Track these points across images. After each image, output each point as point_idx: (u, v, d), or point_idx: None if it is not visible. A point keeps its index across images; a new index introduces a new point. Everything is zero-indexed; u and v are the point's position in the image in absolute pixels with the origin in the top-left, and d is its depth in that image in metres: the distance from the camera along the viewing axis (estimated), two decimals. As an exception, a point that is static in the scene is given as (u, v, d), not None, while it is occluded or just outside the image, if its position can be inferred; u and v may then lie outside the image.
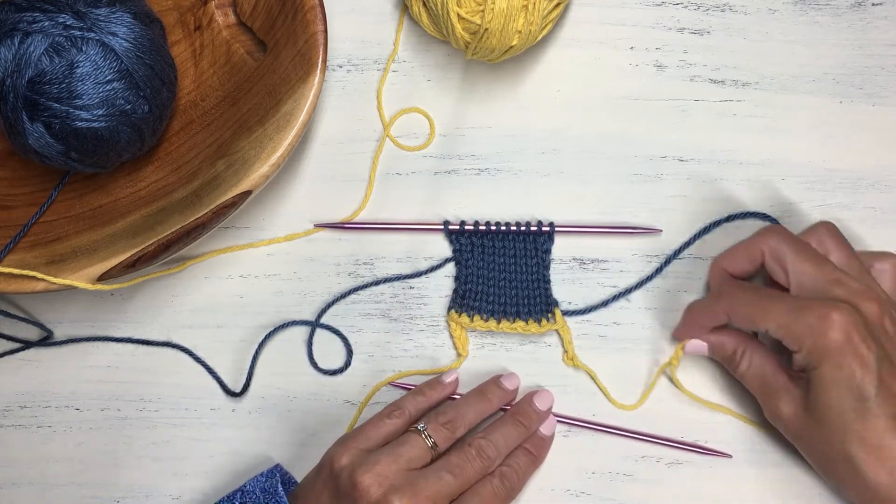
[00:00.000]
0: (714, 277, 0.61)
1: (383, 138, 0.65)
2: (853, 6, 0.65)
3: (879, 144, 0.64)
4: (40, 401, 0.64)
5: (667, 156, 0.64)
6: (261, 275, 0.65)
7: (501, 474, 0.57)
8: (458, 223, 0.63)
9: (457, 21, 0.59)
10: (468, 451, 0.57)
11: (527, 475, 0.59)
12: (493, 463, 0.57)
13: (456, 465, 0.56)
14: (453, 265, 0.64)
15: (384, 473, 0.54)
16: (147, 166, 0.63)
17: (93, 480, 0.63)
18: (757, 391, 0.58)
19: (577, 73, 0.65)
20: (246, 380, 0.63)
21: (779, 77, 0.65)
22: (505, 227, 0.63)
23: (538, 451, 0.60)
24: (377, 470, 0.54)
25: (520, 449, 0.59)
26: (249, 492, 0.57)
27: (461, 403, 0.59)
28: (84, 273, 0.56)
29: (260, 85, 0.61)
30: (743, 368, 0.58)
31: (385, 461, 0.55)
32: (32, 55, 0.55)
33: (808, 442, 0.56)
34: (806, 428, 0.55)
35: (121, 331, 0.65)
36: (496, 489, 0.56)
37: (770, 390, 0.56)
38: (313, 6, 0.59)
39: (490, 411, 0.60)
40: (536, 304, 0.63)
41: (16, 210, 0.62)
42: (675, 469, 0.61)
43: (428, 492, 0.54)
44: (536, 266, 0.63)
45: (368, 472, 0.54)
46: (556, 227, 0.63)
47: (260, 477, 0.58)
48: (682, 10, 0.66)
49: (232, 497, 0.57)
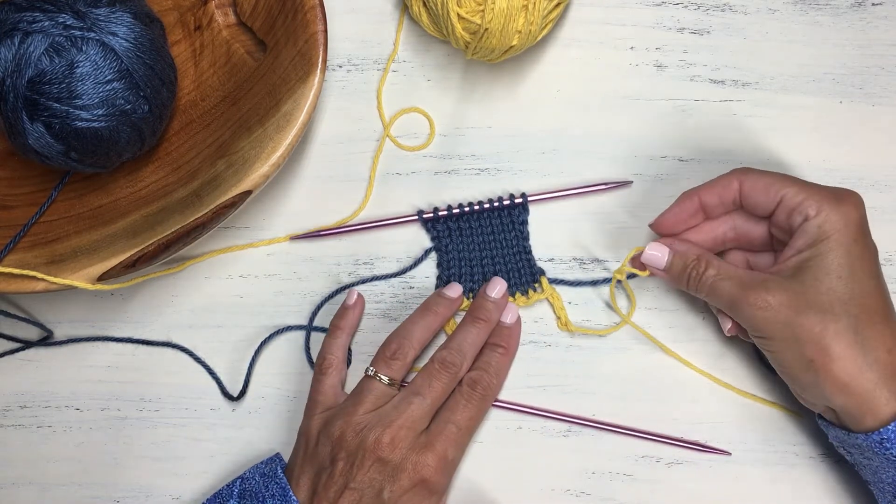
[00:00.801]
0: (683, 204, 0.58)
1: (383, 138, 0.65)
2: (853, 6, 0.65)
3: (879, 144, 0.64)
4: (40, 401, 0.64)
5: (667, 156, 0.64)
6: (261, 275, 0.65)
7: (470, 380, 0.58)
8: (432, 210, 0.63)
9: (457, 21, 0.59)
10: (431, 367, 0.58)
11: (501, 371, 0.60)
12: (461, 370, 0.58)
13: (421, 386, 0.57)
14: None
15: (353, 421, 0.56)
16: (147, 166, 0.63)
17: (93, 480, 0.63)
18: (731, 293, 0.54)
19: (577, 73, 0.65)
20: (244, 384, 0.63)
21: (779, 77, 0.65)
22: (478, 205, 0.63)
23: (507, 343, 0.60)
24: (346, 420, 0.56)
25: (487, 346, 0.60)
26: (248, 478, 0.57)
27: (404, 325, 0.60)
28: (84, 273, 0.56)
29: (260, 85, 0.61)
30: (711, 273, 0.55)
31: (350, 410, 0.57)
32: (32, 55, 0.55)
33: (791, 330, 0.52)
34: (791, 312, 0.52)
35: (121, 331, 0.65)
36: (467, 396, 0.58)
37: (752, 283, 0.53)
38: (313, 6, 0.59)
39: (437, 323, 0.60)
40: (522, 276, 0.63)
41: (16, 210, 0.62)
42: (675, 469, 0.61)
43: (400, 420, 0.55)
44: (515, 239, 0.63)
45: (339, 423, 0.56)
46: (528, 196, 0.63)
47: (260, 464, 0.58)
48: (682, 10, 0.66)
49: (231, 485, 0.57)
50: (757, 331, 0.54)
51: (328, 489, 0.55)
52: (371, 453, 0.55)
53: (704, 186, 0.57)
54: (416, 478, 0.55)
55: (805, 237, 0.53)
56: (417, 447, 0.56)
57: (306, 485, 0.56)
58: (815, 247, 0.53)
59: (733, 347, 0.62)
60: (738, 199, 0.57)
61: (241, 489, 0.57)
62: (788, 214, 0.54)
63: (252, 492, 0.56)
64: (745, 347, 0.62)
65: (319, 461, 0.56)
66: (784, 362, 0.54)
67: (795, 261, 0.53)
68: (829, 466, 0.61)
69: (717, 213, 0.58)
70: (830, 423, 0.55)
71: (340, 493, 0.55)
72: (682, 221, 0.58)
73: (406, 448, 0.55)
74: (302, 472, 0.57)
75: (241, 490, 0.57)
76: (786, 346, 0.53)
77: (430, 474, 0.55)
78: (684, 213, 0.58)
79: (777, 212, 0.55)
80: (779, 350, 0.53)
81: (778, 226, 0.56)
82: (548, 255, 0.64)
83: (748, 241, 0.58)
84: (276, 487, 0.56)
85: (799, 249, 0.53)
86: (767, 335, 0.53)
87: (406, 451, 0.55)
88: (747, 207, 0.57)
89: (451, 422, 0.57)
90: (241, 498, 0.56)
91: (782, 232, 0.56)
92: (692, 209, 0.58)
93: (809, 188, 0.54)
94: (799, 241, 0.53)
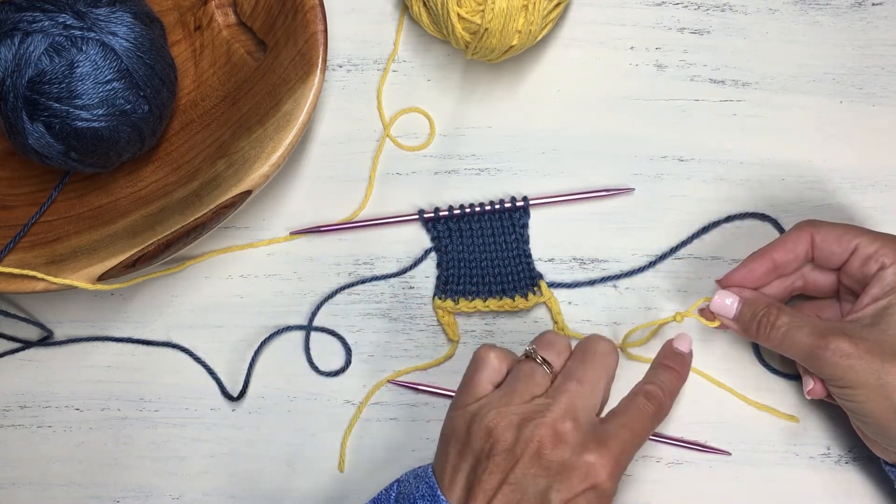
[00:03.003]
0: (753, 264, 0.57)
1: (383, 138, 0.65)
2: (853, 6, 0.65)
3: (879, 144, 0.64)
4: (40, 401, 0.64)
5: (667, 156, 0.64)
6: (261, 275, 0.65)
7: (646, 392, 0.53)
8: (433, 210, 0.63)
9: (457, 21, 0.59)
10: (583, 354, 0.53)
11: (674, 393, 0.54)
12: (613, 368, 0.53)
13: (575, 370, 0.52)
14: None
15: (509, 411, 0.50)
16: (147, 166, 0.63)
17: (93, 480, 0.63)
18: (808, 341, 0.52)
19: (577, 73, 0.65)
20: (244, 384, 0.63)
21: (779, 77, 0.65)
22: (479, 207, 0.63)
23: (680, 367, 0.55)
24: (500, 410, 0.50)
25: (660, 366, 0.55)
26: (403, 480, 0.53)
27: None
28: (84, 273, 0.56)
29: (260, 85, 0.61)
30: (784, 320, 0.54)
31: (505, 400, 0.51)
32: (32, 55, 0.55)
33: (878, 377, 0.51)
34: (877, 359, 0.51)
35: (121, 331, 0.65)
36: (643, 407, 0.52)
37: (830, 331, 0.52)
38: (313, 6, 0.59)
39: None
40: (521, 279, 0.63)
41: (16, 210, 0.62)
42: (675, 469, 0.61)
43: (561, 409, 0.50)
44: (516, 242, 0.63)
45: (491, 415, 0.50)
46: (529, 200, 0.63)
47: (417, 468, 0.54)
48: (682, 10, 0.66)
49: (389, 488, 0.54)
50: (839, 380, 0.52)
51: (483, 485, 0.49)
52: (532, 448, 0.49)
53: (776, 245, 0.56)
54: (589, 481, 0.48)
55: (881, 285, 0.53)
56: (590, 444, 0.49)
57: (460, 483, 0.50)
58: (893, 294, 0.53)
59: (734, 349, 0.62)
60: (810, 252, 0.56)
61: (398, 492, 0.53)
62: (863, 263, 0.54)
63: (405, 493, 0.52)
64: (745, 347, 0.62)
65: (473, 457, 0.50)
66: (871, 411, 0.52)
67: (873, 309, 0.53)
68: (830, 466, 0.61)
69: (791, 269, 0.57)
70: None
71: (496, 489, 0.48)
72: (753, 281, 0.57)
73: (576, 443, 0.49)
74: (455, 470, 0.50)
75: (398, 493, 0.53)
76: (873, 395, 0.51)
77: (604, 479, 0.48)
78: (755, 273, 0.57)
79: (850, 261, 0.55)
80: (865, 399, 0.51)
81: (850, 275, 0.55)
82: (548, 256, 0.64)
83: (815, 288, 0.58)
84: (425, 487, 0.51)
85: (875, 297, 0.53)
86: (851, 384, 0.51)
87: (576, 446, 0.49)
88: (819, 260, 0.56)
89: (626, 427, 0.50)
90: (398, 501, 0.52)
91: (854, 281, 0.55)
92: (764, 269, 0.57)
93: (883, 237, 0.54)
94: (875, 289, 0.53)
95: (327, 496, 0.62)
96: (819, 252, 0.56)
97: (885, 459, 0.55)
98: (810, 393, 0.55)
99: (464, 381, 0.54)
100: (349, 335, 0.64)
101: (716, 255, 0.63)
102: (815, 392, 0.55)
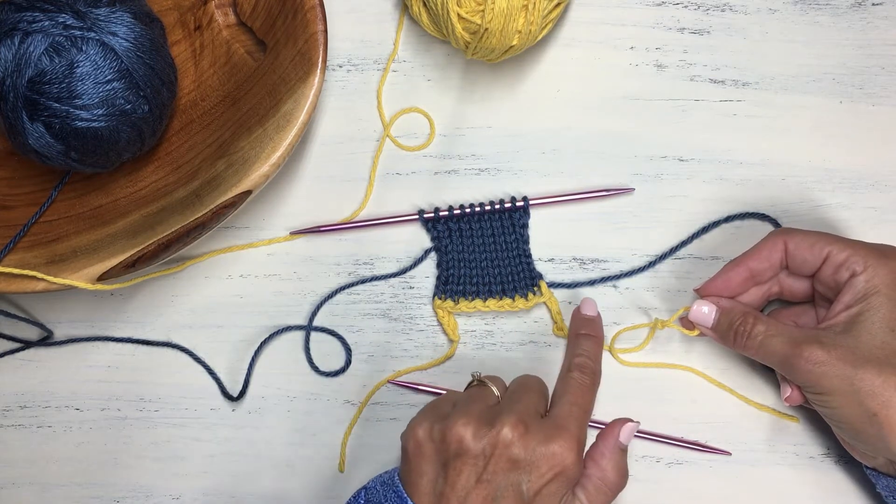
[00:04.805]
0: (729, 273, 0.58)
1: (383, 138, 0.65)
2: (853, 6, 0.65)
3: (879, 144, 0.64)
4: (40, 401, 0.64)
5: (667, 156, 0.64)
6: (261, 275, 0.65)
7: (578, 366, 0.56)
8: (433, 210, 0.63)
9: (457, 21, 0.59)
10: None
11: (598, 358, 0.57)
12: None
13: (521, 383, 0.55)
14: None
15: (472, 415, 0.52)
16: (147, 166, 0.63)
17: (93, 480, 0.63)
18: (783, 349, 0.54)
19: (577, 73, 0.65)
20: (244, 384, 0.63)
21: (779, 77, 0.65)
22: (479, 207, 0.63)
23: (595, 332, 0.58)
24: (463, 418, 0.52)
25: (578, 336, 0.58)
26: (371, 487, 0.54)
27: None
28: (84, 273, 0.56)
29: (260, 85, 0.61)
30: (760, 328, 0.55)
31: (462, 410, 0.53)
32: (32, 55, 0.55)
33: (851, 383, 0.52)
34: (848, 366, 0.52)
35: (121, 331, 0.65)
36: (580, 380, 0.55)
37: (804, 339, 0.53)
38: (313, 6, 0.59)
39: None
40: (521, 279, 0.63)
41: (16, 210, 0.62)
42: (675, 469, 0.61)
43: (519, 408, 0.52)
44: (516, 242, 0.63)
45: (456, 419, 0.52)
46: (529, 200, 0.63)
47: (383, 474, 0.55)
48: (682, 10, 0.66)
49: (357, 495, 0.54)
50: (813, 386, 0.53)
51: (455, 487, 0.50)
52: (501, 446, 0.50)
53: (750, 254, 0.58)
54: (557, 468, 0.51)
55: (853, 292, 0.54)
56: (551, 433, 0.51)
57: (428, 487, 0.51)
58: (864, 301, 0.53)
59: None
60: (784, 259, 0.57)
61: (366, 500, 0.53)
62: (835, 271, 0.55)
63: (373, 502, 0.53)
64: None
65: (440, 461, 0.52)
66: (845, 417, 0.53)
67: (845, 316, 0.54)
68: (829, 466, 0.61)
69: (767, 277, 0.58)
70: (882, 474, 0.55)
71: (470, 489, 0.50)
72: (730, 290, 0.58)
73: (539, 436, 0.51)
74: (420, 475, 0.52)
75: (367, 501, 0.53)
76: (846, 401, 0.52)
77: (571, 462, 0.51)
78: (732, 282, 0.58)
79: (822, 269, 0.55)
80: (839, 405, 0.53)
81: (823, 282, 0.56)
82: (548, 255, 0.64)
83: (791, 294, 0.59)
84: (393, 495, 0.52)
85: (848, 305, 0.54)
86: (825, 390, 0.53)
87: (541, 438, 0.51)
88: (793, 268, 0.57)
89: (575, 404, 0.54)
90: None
91: (827, 288, 0.56)
92: (740, 278, 0.58)
93: (854, 245, 0.54)
94: (847, 297, 0.54)
95: (327, 496, 0.63)
96: (792, 260, 0.57)
97: (864, 463, 0.56)
98: (788, 399, 0.57)
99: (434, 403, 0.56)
100: (349, 335, 0.64)
101: (716, 255, 0.63)
102: (793, 399, 0.56)
